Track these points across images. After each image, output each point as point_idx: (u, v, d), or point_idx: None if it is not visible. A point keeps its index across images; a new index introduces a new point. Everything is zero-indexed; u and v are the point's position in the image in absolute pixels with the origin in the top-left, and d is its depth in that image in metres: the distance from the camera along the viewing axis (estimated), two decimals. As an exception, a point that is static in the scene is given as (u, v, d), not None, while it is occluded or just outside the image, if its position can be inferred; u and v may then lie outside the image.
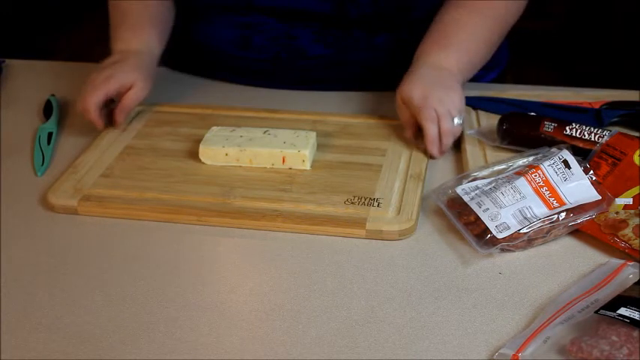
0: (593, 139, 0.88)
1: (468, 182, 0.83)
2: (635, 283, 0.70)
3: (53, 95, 1.11)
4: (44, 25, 3.14)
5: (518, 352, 0.63)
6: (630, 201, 0.80)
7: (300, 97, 1.12)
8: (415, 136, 0.95)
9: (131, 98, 1.00)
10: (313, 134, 0.94)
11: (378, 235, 0.80)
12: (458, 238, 0.80)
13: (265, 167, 0.91)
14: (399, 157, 0.92)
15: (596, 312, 0.65)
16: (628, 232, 0.76)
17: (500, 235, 0.76)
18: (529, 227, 0.76)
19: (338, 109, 1.07)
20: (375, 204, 0.83)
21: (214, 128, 0.95)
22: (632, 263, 0.73)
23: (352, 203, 0.83)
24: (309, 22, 1.07)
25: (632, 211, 0.79)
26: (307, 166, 0.90)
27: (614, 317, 0.64)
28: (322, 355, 0.66)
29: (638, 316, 0.63)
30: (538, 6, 0.94)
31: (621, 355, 0.61)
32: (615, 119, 0.99)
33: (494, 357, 0.64)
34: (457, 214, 0.80)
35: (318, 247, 0.80)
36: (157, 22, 1.09)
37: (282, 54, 1.11)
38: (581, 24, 2.81)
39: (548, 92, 1.09)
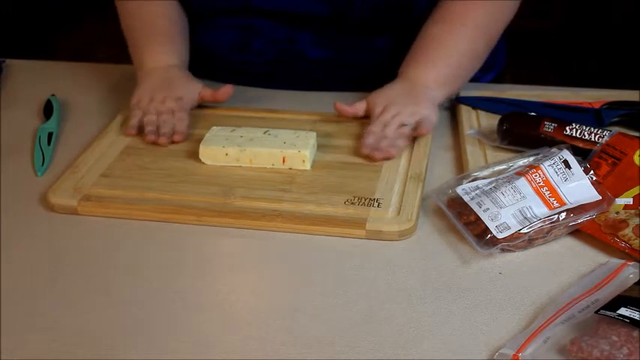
0: (593, 139, 0.88)
1: (468, 182, 0.83)
2: (635, 283, 0.70)
3: (53, 95, 1.11)
4: (44, 25, 3.14)
5: (518, 352, 0.63)
6: (630, 201, 0.80)
7: (300, 97, 1.12)
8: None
9: (213, 91, 1.05)
10: (313, 134, 0.94)
11: (377, 236, 0.80)
12: (458, 238, 0.80)
13: (265, 167, 0.91)
14: (399, 158, 0.92)
15: (596, 312, 0.65)
16: (628, 232, 0.76)
17: (500, 235, 0.76)
18: (529, 227, 0.76)
19: (338, 109, 1.07)
20: (375, 204, 0.83)
21: (214, 128, 0.95)
22: (632, 263, 0.73)
23: (352, 203, 0.83)
24: (307, 25, 1.07)
25: (633, 211, 0.79)
26: (307, 166, 0.90)
27: (614, 317, 0.64)
28: (322, 355, 0.66)
29: (638, 316, 0.64)
30: (538, 6, 0.94)
31: (621, 355, 0.61)
32: (615, 119, 0.99)
33: (494, 357, 0.64)
34: (457, 214, 0.80)
35: (318, 248, 0.80)
36: (183, 37, 1.11)
37: (281, 57, 1.11)
38: (581, 24, 2.81)
39: (547, 92, 1.09)
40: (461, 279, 0.74)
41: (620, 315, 0.64)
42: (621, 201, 0.80)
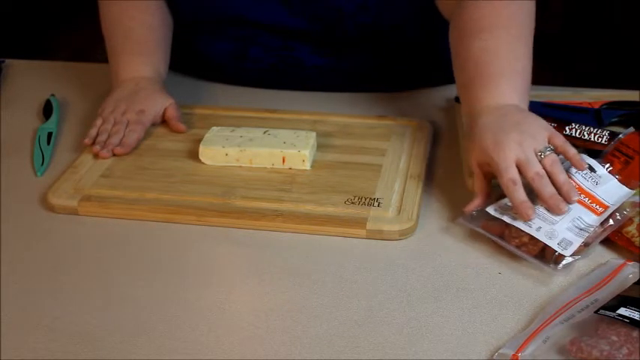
0: (593, 139, 0.88)
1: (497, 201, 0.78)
2: (635, 283, 0.70)
3: (53, 95, 1.11)
4: (44, 25, 3.14)
5: (518, 352, 0.63)
6: (637, 199, 0.80)
7: (300, 97, 1.12)
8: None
9: (176, 115, 1.01)
10: (313, 134, 0.94)
11: (378, 235, 0.80)
12: (458, 238, 0.80)
13: (265, 167, 0.91)
14: (399, 157, 0.92)
15: (595, 312, 0.65)
16: (632, 229, 0.76)
17: (567, 253, 0.73)
18: (589, 237, 0.75)
19: (338, 109, 1.07)
20: (376, 204, 0.83)
21: (214, 128, 0.95)
22: (631, 263, 0.73)
23: (352, 203, 0.83)
24: (303, 38, 1.07)
25: (638, 209, 0.78)
26: (307, 166, 0.90)
27: (613, 317, 0.64)
28: (322, 355, 0.66)
29: (637, 316, 0.64)
30: (538, 6, 0.93)
31: (621, 355, 0.61)
32: (615, 119, 0.99)
33: (494, 357, 0.64)
34: (506, 237, 0.76)
35: (319, 247, 0.80)
36: (162, 47, 1.09)
37: (279, 64, 1.10)
38: (581, 24, 2.81)
39: (548, 92, 1.09)
40: (461, 279, 0.74)
41: (620, 315, 0.64)
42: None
